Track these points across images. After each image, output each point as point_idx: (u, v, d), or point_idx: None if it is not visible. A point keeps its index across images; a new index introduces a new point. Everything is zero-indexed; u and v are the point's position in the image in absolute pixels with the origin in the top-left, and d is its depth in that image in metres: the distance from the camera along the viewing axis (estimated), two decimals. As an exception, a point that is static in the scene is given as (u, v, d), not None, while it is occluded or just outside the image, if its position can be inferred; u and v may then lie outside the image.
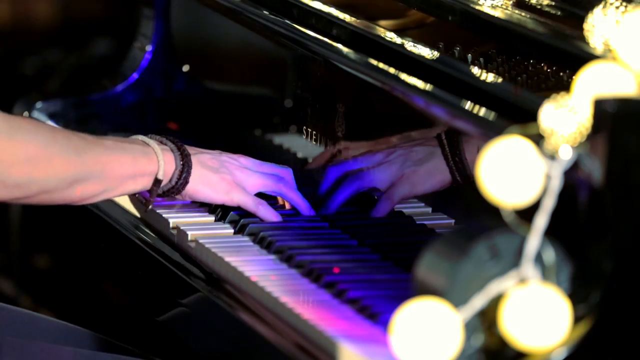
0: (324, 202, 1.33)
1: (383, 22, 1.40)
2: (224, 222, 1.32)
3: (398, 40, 1.29)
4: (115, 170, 1.22)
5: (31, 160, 1.17)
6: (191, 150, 1.28)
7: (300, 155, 1.47)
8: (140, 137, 1.27)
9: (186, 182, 1.26)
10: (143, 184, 1.25)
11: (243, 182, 1.29)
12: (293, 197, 1.32)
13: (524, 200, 0.89)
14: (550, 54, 1.18)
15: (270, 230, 1.27)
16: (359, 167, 1.31)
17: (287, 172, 1.33)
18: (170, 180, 1.25)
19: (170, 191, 1.27)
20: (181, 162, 1.25)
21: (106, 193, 1.24)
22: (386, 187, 1.29)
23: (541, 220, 0.90)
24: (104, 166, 1.21)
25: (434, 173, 1.21)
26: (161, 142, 1.26)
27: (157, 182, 1.25)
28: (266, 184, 1.31)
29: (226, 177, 1.28)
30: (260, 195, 1.32)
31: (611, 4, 0.96)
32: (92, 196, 1.23)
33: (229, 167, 1.29)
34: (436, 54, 1.24)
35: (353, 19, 1.37)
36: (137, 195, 1.32)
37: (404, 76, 1.21)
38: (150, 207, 1.30)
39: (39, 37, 2.88)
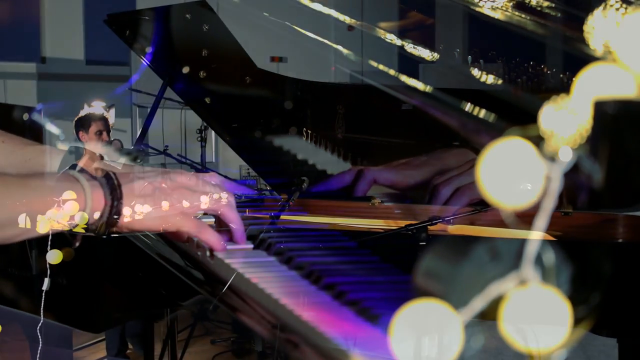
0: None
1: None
2: (224, 224, 1.32)
3: (398, 41, 1.29)
4: (39, 212, 1.16)
5: None
6: (123, 179, 1.21)
7: (300, 156, 1.47)
8: (72, 173, 1.21)
9: (118, 214, 1.19)
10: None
11: (182, 204, 1.22)
12: (233, 220, 1.25)
13: (523, 201, 0.89)
14: (550, 55, 1.18)
15: (270, 232, 1.27)
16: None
17: (230, 197, 1.26)
18: (101, 217, 1.19)
19: (102, 226, 1.20)
20: (110, 197, 1.19)
21: (28, 234, 1.18)
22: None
23: (541, 222, 0.89)
24: (27, 209, 1.16)
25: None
26: (92, 177, 1.20)
27: None
28: (206, 205, 1.24)
29: (162, 204, 1.22)
30: None
31: (611, 5, 0.96)
32: (12, 238, 1.18)
33: (166, 190, 1.23)
34: (436, 55, 1.23)
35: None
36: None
37: (404, 78, 1.21)
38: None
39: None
